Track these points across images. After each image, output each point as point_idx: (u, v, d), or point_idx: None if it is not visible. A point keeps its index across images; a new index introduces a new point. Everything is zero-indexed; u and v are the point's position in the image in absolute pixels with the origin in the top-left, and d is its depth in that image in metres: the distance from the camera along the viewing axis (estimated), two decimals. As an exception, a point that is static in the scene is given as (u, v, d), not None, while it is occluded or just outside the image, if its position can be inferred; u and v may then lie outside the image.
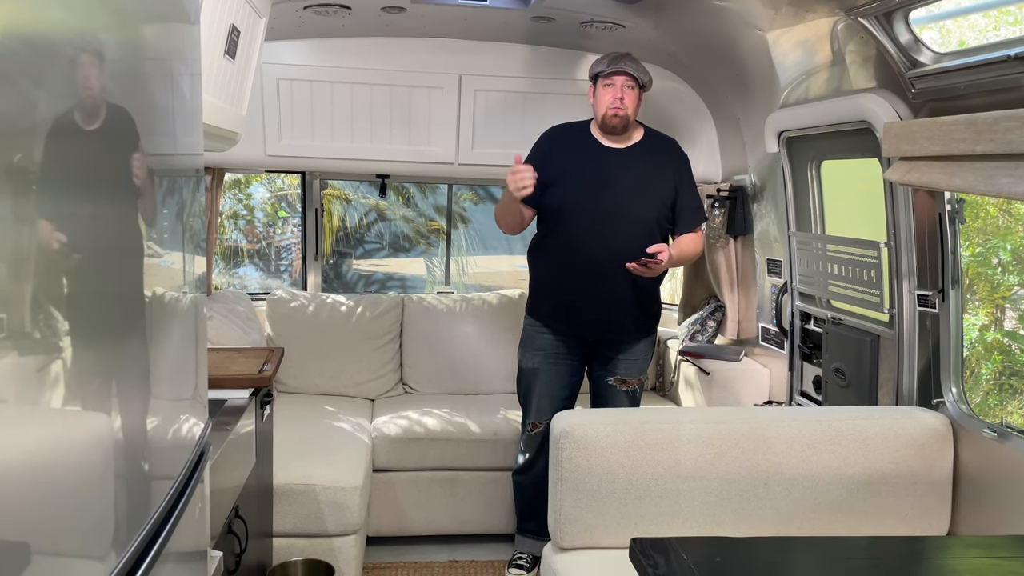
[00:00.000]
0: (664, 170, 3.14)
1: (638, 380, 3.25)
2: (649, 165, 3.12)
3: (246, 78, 2.83)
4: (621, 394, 3.23)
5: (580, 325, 3.18)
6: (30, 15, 0.84)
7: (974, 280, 5.58)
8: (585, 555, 2.44)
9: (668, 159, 3.17)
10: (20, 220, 0.82)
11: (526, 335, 3.33)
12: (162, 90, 1.32)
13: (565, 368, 3.24)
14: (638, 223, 3.06)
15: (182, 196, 1.47)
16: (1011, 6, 4.27)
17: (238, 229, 8.85)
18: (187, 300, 1.51)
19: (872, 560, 1.76)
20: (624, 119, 3.06)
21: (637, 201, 3.08)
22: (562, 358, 3.23)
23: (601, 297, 3.10)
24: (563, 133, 3.23)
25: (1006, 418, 5.41)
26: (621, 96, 3.03)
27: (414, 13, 3.50)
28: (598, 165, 3.11)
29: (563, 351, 3.23)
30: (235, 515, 2.20)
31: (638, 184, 3.09)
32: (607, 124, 3.08)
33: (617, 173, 3.10)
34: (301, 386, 4.13)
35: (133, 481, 1.17)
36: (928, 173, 2.30)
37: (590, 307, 3.12)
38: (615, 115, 3.05)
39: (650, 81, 3.12)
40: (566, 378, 3.26)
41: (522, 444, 3.37)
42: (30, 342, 0.85)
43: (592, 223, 3.06)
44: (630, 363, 3.22)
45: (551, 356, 3.24)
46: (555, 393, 3.26)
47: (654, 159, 3.14)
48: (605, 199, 3.07)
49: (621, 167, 3.11)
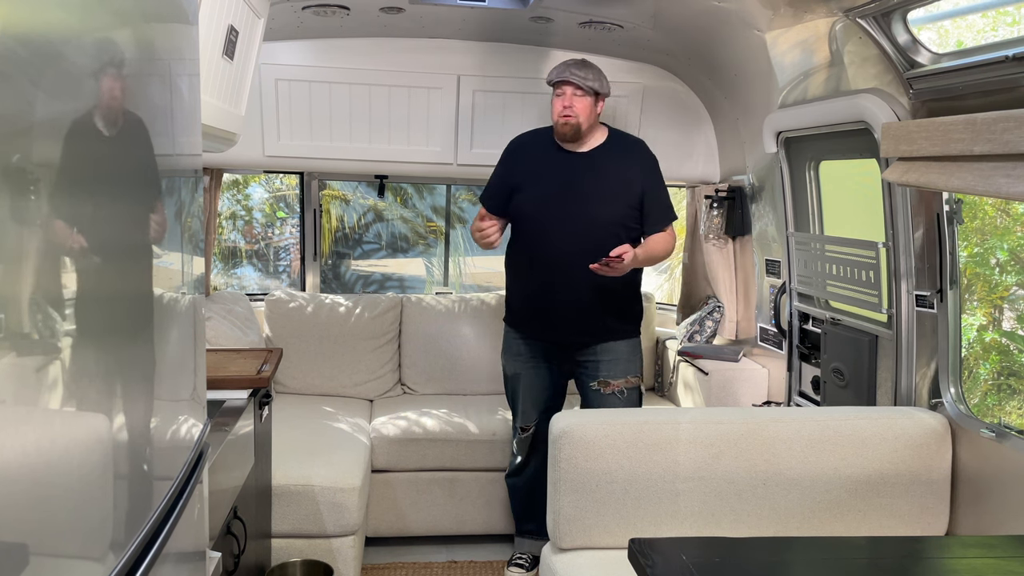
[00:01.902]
0: (628, 171, 3.13)
1: (626, 381, 3.18)
2: (611, 167, 3.12)
3: (244, 78, 2.83)
4: (608, 397, 3.16)
5: (551, 330, 3.19)
6: (28, 15, 0.84)
7: (972, 280, 5.58)
8: (584, 555, 2.44)
9: (632, 159, 3.16)
10: (20, 221, 0.82)
11: (505, 341, 3.34)
12: (160, 91, 1.32)
13: (544, 372, 3.26)
14: (601, 226, 3.06)
15: (180, 197, 1.47)
16: (1009, 6, 4.27)
17: (236, 230, 8.85)
18: (185, 301, 1.50)
19: (871, 560, 1.76)
20: (574, 127, 3.06)
21: (599, 204, 3.08)
22: (540, 362, 3.25)
23: (568, 302, 3.10)
24: (527, 140, 3.27)
25: (1004, 418, 5.42)
26: (570, 104, 3.04)
27: (412, 14, 3.50)
28: (559, 170, 3.13)
29: (540, 355, 3.24)
30: (234, 516, 2.20)
31: (600, 186, 3.10)
32: (559, 132, 3.11)
33: (579, 177, 3.11)
34: (300, 387, 4.13)
35: (132, 482, 1.17)
36: (926, 173, 2.31)
37: (558, 312, 3.13)
38: (565, 123, 3.06)
39: (605, 87, 3.11)
40: (546, 381, 3.27)
41: (514, 447, 3.38)
42: (29, 342, 0.85)
43: (555, 228, 3.08)
44: (611, 364, 3.16)
45: (528, 361, 3.25)
46: (538, 396, 3.27)
47: (617, 160, 3.14)
48: (567, 203, 3.08)
49: (583, 171, 3.12)
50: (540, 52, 3.98)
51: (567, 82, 3.05)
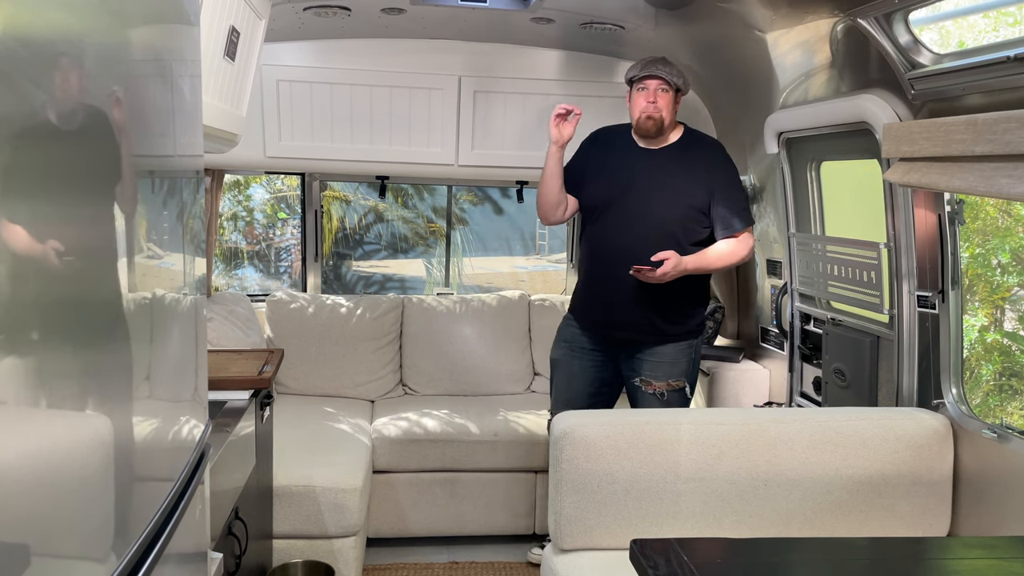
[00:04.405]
0: (698, 171, 3.09)
1: (667, 384, 3.10)
2: (679, 166, 3.09)
3: (246, 79, 2.83)
4: (648, 397, 3.12)
5: (601, 324, 3.18)
6: (30, 16, 0.84)
7: (974, 281, 5.58)
8: (585, 556, 2.43)
9: (703, 161, 3.12)
10: (19, 222, 0.82)
11: (561, 326, 3.34)
12: (162, 91, 1.32)
13: (587, 364, 3.21)
14: (658, 226, 3.03)
15: (182, 197, 1.47)
16: (1011, 7, 4.27)
17: (238, 230, 8.86)
18: (187, 302, 1.50)
19: (872, 561, 1.76)
20: (658, 122, 3.05)
21: (659, 203, 3.06)
22: (585, 352, 3.21)
23: (618, 297, 3.08)
24: (605, 133, 3.28)
25: (1006, 419, 5.42)
26: (654, 100, 3.04)
27: (414, 14, 3.50)
28: (627, 165, 3.12)
29: (587, 345, 3.21)
30: (235, 517, 2.20)
31: (663, 185, 3.07)
32: (641, 127, 3.08)
33: (644, 174, 3.09)
34: (301, 387, 4.13)
35: (133, 483, 1.17)
36: (927, 174, 2.30)
37: (609, 308, 3.12)
38: (648, 118, 3.05)
39: (686, 83, 3.12)
40: (589, 372, 3.21)
41: None
42: (30, 344, 0.85)
43: (616, 223, 3.08)
44: (654, 365, 3.11)
45: (575, 348, 3.23)
46: (576, 386, 3.22)
47: (688, 159, 3.10)
48: (628, 199, 3.07)
49: (649, 168, 3.10)
50: (541, 53, 3.98)
51: (653, 76, 3.04)
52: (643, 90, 3.06)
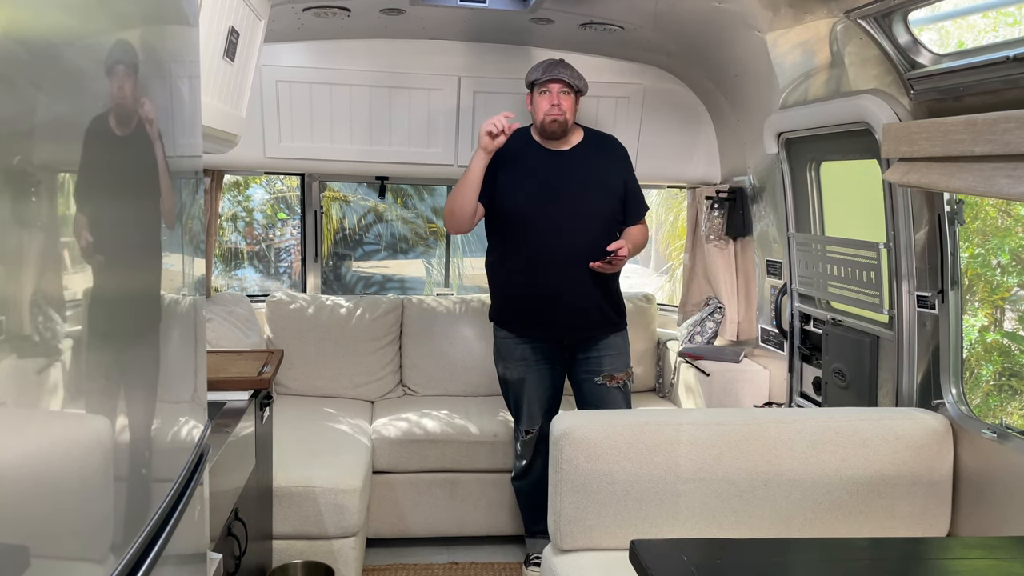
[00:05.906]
0: (611, 165, 3.24)
1: (626, 374, 3.27)
2: (595, 163, 3.21)
3: (245, 80, 2.83)
4: (613, 391, 3.24)
5: (554, 328, 3.21)
6: (29, 17, 0.84)
7: (973, 281, 5.59)
8: (585, 557, 2.43)
9: (612, 154, 3.28)
10: (21, 222, 0.82)
11: (502, 347, 3.32)
12: (161, 92, 1.32)
13: (547, 373, 3.28)
14: (594, 221, 3.14)
15: (181, 198, 1.46)
16: (1010, 7, 4.27)
17: (237, 231, 8.86)
18: (186, 302, 1.50)
19: (872, 561, 1.76)
20: (562, 124, 3.14)
21: (590, 199, 3.16)
22: (543, 364, 3.26)
23: (570, 298, 3.14)
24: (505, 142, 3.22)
25: (1006, 419, 5.42)
26: (558, 102, 3.11)
27: (413, 15, 3.50)
28: (546, 170, 3.17)
29: (542, 357, 3.26)
30: (235, 517, 2.20)
31: (588, 183, 3.17)
32: (546, 129, 3.15)
33: (566, 175, 3.17)
34: (301, 388, 4.13)
35: (132, 483, 1.17)
36: (927, 174, 2.30)
37: (561, 309, 3.16)
38: (553, 120, 3.12)
39: (586, 86, 3.20)
40: (548, 382, 3.29)
41: (518, 449, 3.38)
42: (30, 344, 0.85)
43: (550, 227, 3.11)
44: (613, 358, 3.24)
45: (532, 364, 3.26)
46: (542, 397, 3.29)
47: (599, 156, 3.23)
48: (559, 202, 3.13)
49: (569, 168, 3.18)
50: (541, 53, 3.97)
51: (556, 80, 3.11)
52: (545, 93, 3.13)
